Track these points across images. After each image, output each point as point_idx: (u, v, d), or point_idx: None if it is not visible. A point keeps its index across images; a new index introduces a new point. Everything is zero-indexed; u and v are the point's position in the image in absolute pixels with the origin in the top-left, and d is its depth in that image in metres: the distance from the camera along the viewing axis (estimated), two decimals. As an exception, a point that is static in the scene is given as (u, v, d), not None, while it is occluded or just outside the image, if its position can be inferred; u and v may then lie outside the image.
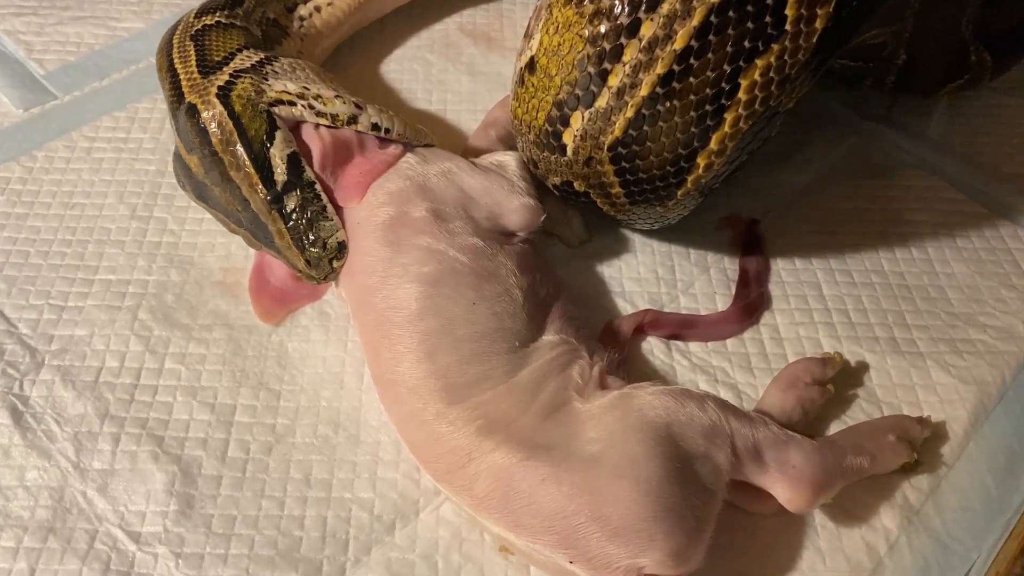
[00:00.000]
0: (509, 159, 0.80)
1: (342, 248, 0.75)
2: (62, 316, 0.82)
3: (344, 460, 0.70)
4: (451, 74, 1.03)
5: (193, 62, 0.82)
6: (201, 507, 0.66)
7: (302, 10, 0.95)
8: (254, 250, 0.84)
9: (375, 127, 0.78)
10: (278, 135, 0.76)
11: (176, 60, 0.83)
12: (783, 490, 0.57)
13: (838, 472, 0.59)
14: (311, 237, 0.75)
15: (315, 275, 0.76)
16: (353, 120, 0.78)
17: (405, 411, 0.66)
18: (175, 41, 0.85)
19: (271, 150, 0.75)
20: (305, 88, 0.78)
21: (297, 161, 0.76)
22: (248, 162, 0.76)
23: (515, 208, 0.76)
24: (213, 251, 0.88)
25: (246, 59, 0.82)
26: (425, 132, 0.82)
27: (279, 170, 0.75)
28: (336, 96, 0.78)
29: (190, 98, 0.79)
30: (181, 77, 0.82)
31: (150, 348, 0.80)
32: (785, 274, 0.82)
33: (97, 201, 0.93)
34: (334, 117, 0.77)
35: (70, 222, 0.91)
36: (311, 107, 0.77)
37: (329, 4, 0.96)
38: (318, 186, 0.76)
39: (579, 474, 0.53)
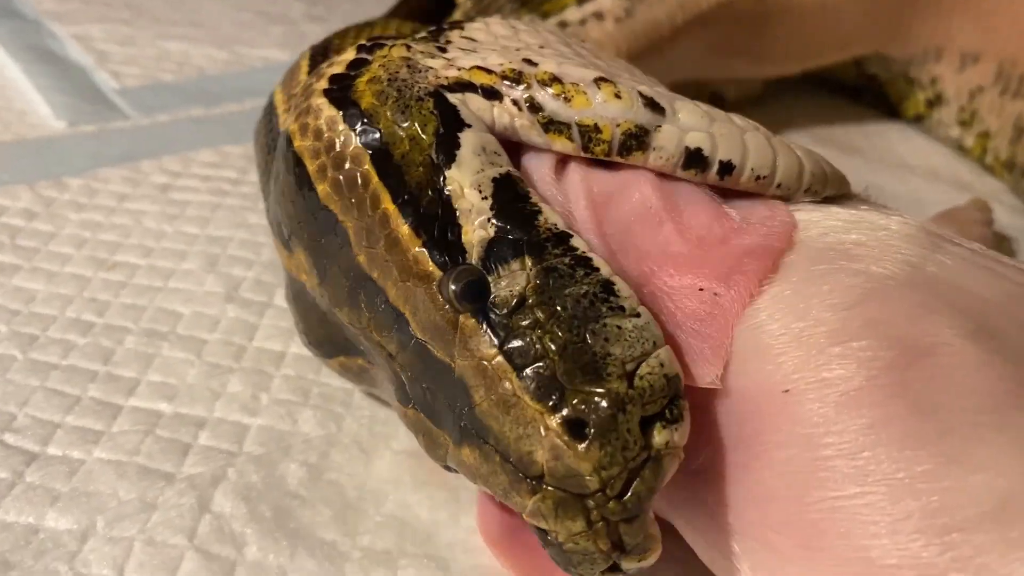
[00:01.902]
0: None
1: (674, 384, 0.25)
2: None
3: None
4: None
5: (303, 73, 0.39)
6: None
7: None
8: (447, 468, 0.31)
9: (700, 160, 0.30)
10: (466, 139, 0.30)
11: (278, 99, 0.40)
12: None
13: None
14: (584, 358, 0.25)
15: (608, 467, 0.24)
16: (639, 139, 0.31)
17: None
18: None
19: (448, 173, 0.29)
20: (527, 63, 0.32)
21: (517, 188, 0.29)
22: (391, 206, 0.29)
23: None
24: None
25: (401, 31, 0.39)
26: (840, 175, 0.33)
27: (472, 209, 0.29)
28: (597, 80, 0.31)
29: (284, 124, 0.35)
30: (279, 110, 0.39)
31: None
32: None
33: (165, 265, 0.46)
34: (588, 132, 0.31)
35: (99, 291, 0.43)
36: (532, 104, 0.31)
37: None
38: (583, 244, 0.28)
39: None
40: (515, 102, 0.31)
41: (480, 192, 0.28)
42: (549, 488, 0.24)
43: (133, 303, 0.43)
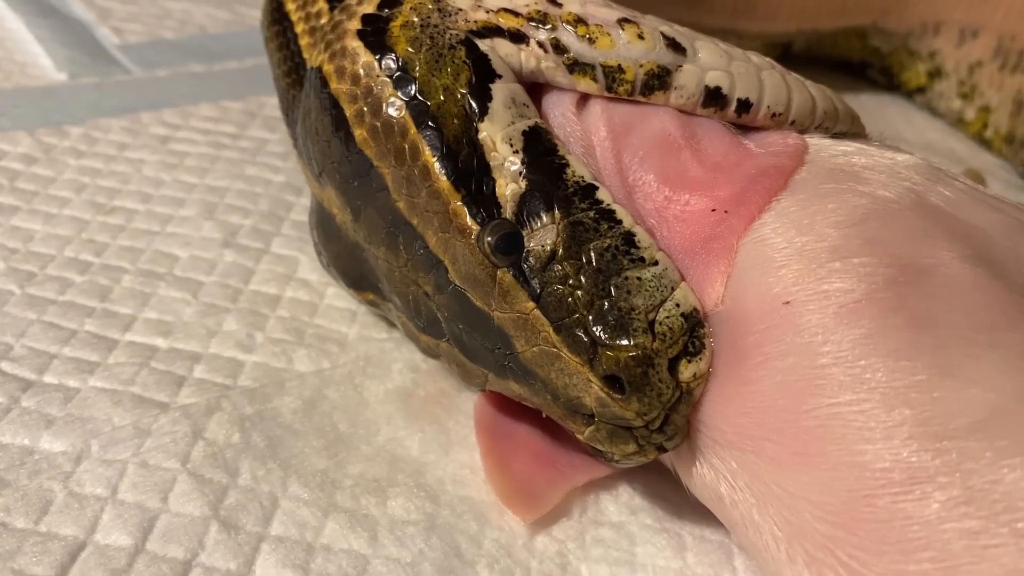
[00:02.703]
0: None
1: (692, 319, 0.28)
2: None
3: None
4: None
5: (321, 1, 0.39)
6: None
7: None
8: (472, 389, 0.35)
9: (719, 98, 0.32)
10: (497, 91, 0.30)
11: (291, 8, 0.40)
12: None
13: None
14: (611, 314, 0.28)
15: (649, 411, 0.27)
16: (661, 79, 0.31)
17: None
18: None
19: (480, 125, 0.30)
20: (552, 3, 0.32)
21: (545, 141, 0.30)
22: (431, 159, 0.30)
23: None
24: (393, 332, 0.40)
25: None
26: (852, 112, 0.35)
27: (504, 163, 0.30)
28: (621, 21, 0.32)
29: (310, 58, 0.36)
30: (298, 30, 0.39)
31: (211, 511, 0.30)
32: None
33: (163, 211, 0.46)
34: (612, 72, 0.31)
35: (97, 233, 0.44)
36: (558, 46, 0.31)
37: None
38: (608, 196, 0.29)
39: None
40: (541, 44, 0.31)
41: (512, 146, 0.29)
42: (601, 423, 0.28)
43: (131, 245, 0.43)
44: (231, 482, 0.32)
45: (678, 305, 0.27)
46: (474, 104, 0.30)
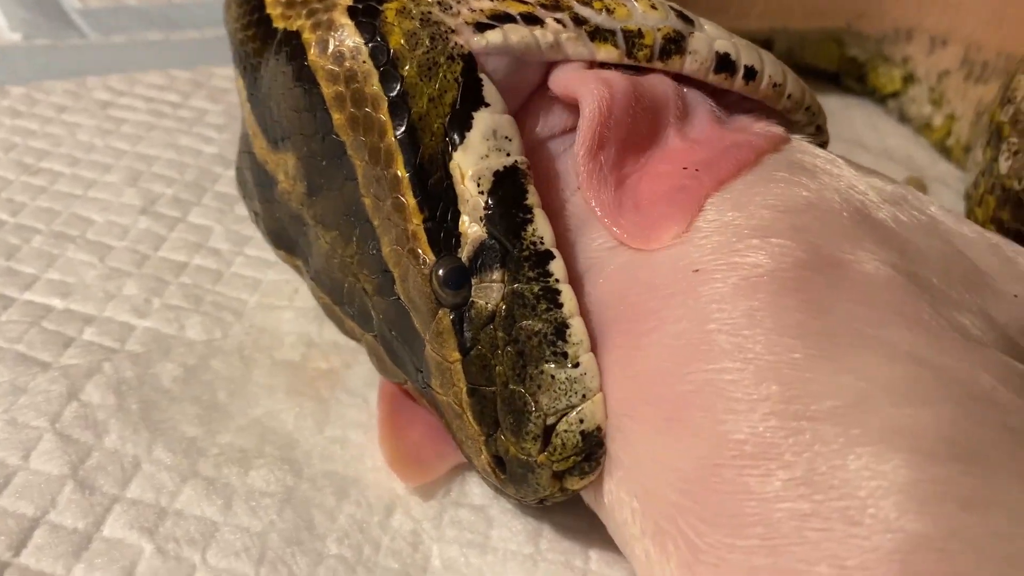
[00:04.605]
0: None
1: (591, 440, 0.27)
2: None
3: None
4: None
5: None
6: None
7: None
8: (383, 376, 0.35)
9: (728, 64, 0.33)
10: (479, 120, 0.29)
11: None
12: None
13: None
14: (516, 403, 0.27)
15: (524, 499, 0.29)
16: (677, 44, 0.32)
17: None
18: None
19: (455, 157, 0.29)
20: None
21: (516, 187, 0.29)
22: (404, 173, 0.29)
23: None
24: (294, 302, 0.40)
25: None
26: (822, 110, 0.37)
27: (470, 200, 0.29)
28: None
29: (284, 23, 0.33)
30: None
31: (77, 475, 0.30)
32: None
33: (88, 175, 0.46)
34: (632, 37, 0.32)
35: (18, 193, 0.44)
36: (577, 19, 0.31)
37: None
38: (560, 270, 0.28)
39: None
40: (559, 20, 0.31)
41: (479, 185, 0.28)
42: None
43: (49, 207, 0.44)
44: (96, 443, 0.32)
45: (582, 421, 0.27)
46: (453, 130, 0.29)
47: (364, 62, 0.30)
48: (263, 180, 0.36)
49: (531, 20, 0.31)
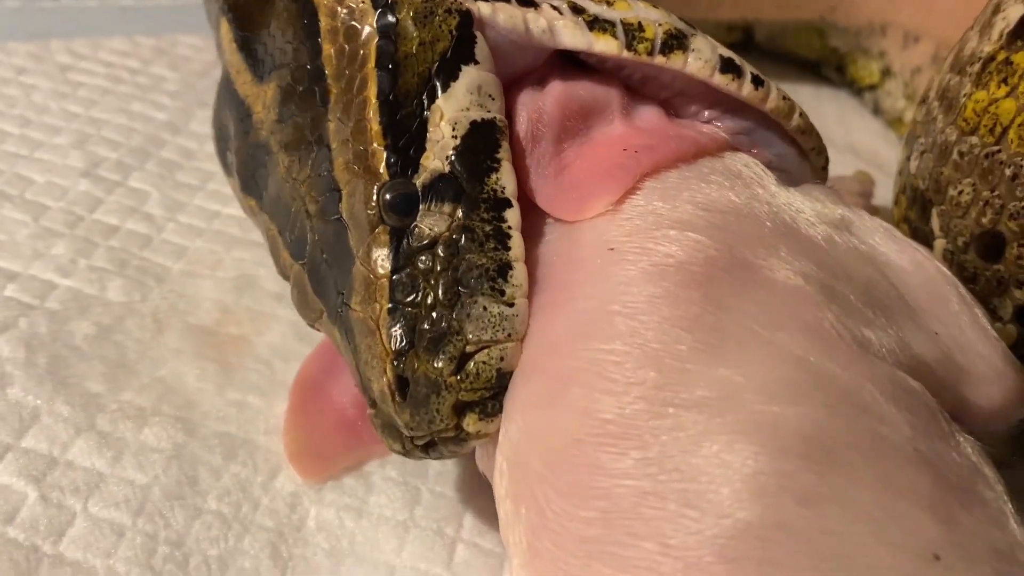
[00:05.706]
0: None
1: (504, 380, 0.27)
2: None
3: None
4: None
5: None
6: None
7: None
8: (313, 327, 0.34)
9: (734, 66, 0.32)
10: (466, 73, 0.30)
11: None
12: None
13: None
14: (439, 325, 0.28)
15: (415, 430, 0.28)
16: (679, 40, 0.32)
17: None
18: None
19: (437, 100, 0.30)
20: None
21: (489, 139, 0.30)
22: (373, 99, 0.30)
23: (994, 374, 0.31)
24: (217, 271, 0.41)
25: None
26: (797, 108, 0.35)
27: (440, 140, 0.29)
28: None
29: None
30: None
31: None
32: None
33: (37, 136, 0.48)
34: (632, 30, 0.32)
35: (-35, 150, 0.46)
36: (575, 7, 0.32)
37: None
38: (515, 219, 0.29)
39: None
40: (556, 7, 0.31)
41: (453, 129, 0.29)
42: (380, 410, 0.28)
43: (-3, 168, 0.45)
44: None
45: (502, 359, 0.27)
46: (439, 77, 0.30)
47: (364, 1, 0.31)
48: (241, 114, 0.36)
49: (526, 2, 0.31)
